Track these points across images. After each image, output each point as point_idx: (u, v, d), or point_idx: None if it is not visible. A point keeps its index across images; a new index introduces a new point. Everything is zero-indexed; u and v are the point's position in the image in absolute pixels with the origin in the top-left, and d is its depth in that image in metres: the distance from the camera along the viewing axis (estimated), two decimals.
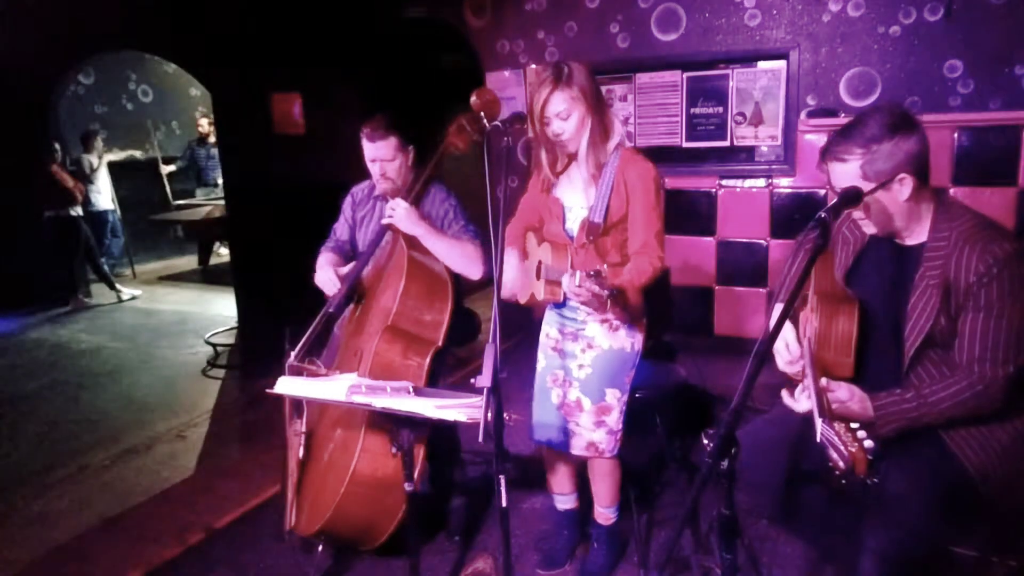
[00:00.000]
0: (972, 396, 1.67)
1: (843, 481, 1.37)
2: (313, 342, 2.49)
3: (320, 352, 2.58)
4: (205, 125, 8.19)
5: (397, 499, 2.23)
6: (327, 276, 2.60)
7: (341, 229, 2.84)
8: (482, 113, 2.11)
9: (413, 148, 2.65)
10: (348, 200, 2.85)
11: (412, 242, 2.48)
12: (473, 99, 2.11)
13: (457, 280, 2.56)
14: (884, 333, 1.83)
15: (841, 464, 1.37)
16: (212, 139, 8.21)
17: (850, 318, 1.79)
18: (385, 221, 2.52)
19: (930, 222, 1.77)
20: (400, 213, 2.46)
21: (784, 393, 1.87)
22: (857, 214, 1.79)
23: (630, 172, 2.18)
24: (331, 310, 2.51)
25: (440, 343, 2.48)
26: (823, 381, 1.69)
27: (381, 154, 2.56)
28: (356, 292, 2.63)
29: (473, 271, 2.50)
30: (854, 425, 1.42)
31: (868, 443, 1.37)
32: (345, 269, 2.63)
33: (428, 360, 2.42)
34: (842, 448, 1.37)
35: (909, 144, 1.68)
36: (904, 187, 1.70)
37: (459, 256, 2.50)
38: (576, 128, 2.14)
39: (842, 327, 1.78)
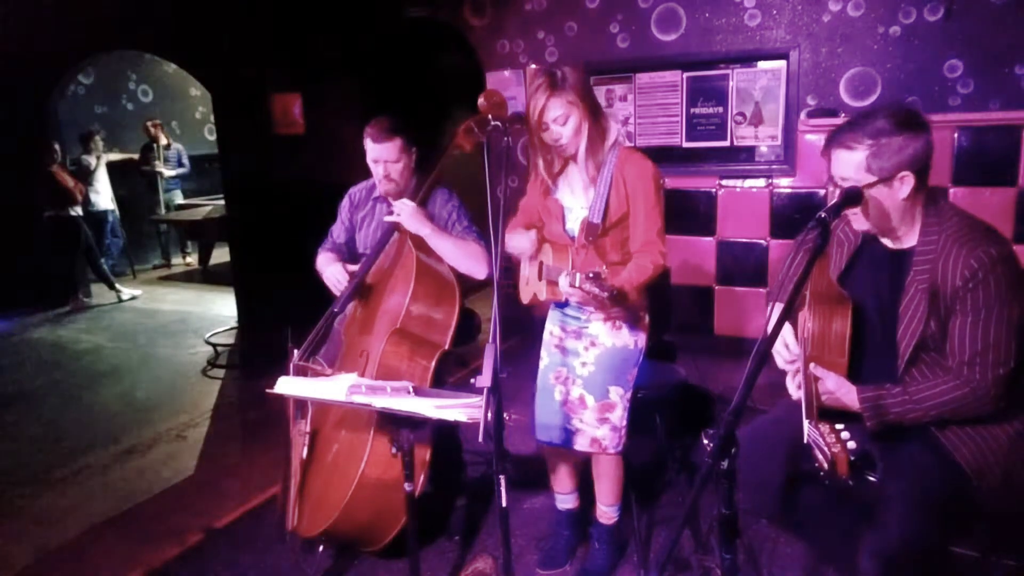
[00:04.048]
0: (959, 398, 1.67)
1: (827, 482, 1.38)
2: (316, 341, 2.50)
3: (321, 351, 2.58)
4: (151, 128, 8.28)
5: (403, 501, 2.23)
6: (336, 271, 2.59)
7: (338, 231, 2.84)
8: (490, 115, 2.12)
9: (416, 150, 2.65)
10: (346, 202, 2.85)
11: (419, 244, 2.48)
12: (481, 101, 2.12)
13: (458, 281, 2.56)
14: (878, 334, 1.84)
15: (824, 464, 1.38)
16: (164, 141, 8.35)
17: (844, 319, 1.79)
18: (390, 219, 2.51)
19: (920, 225, 1.77)
20: (407, 213, 2.46)
21: (788, 377, 1.89)
22: (850, 210, 1.79)
23: (629, 171, 2.18)
24: (336, 310, 2.51)
25: (447, 346, 2.49)
26: (811, 367, 1.70)
27: (386, 155, 2.55)
28: (360, 290, 2.63)
29: (478, 270, 2.51)
30: (839, 426, 1.43)
31: (851, 444, 1.38)
32: (352, 268, 2.63)
33: (434, 363, 2.43)
34: (825, 449, 1.38)
35: (916, 144, 1.68)
36: (904, 185, 1.70)
37: (464, 256, 2.50)
38: (574, 132, 2.15)
39: (836, 327, 1.79)
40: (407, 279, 2.43)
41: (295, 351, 2.41)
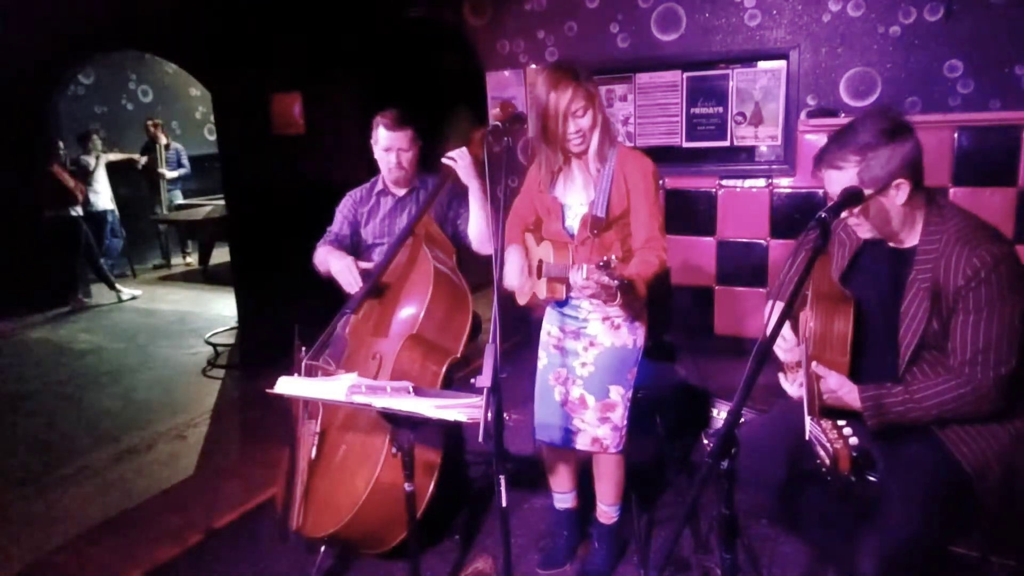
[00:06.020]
0: (960, 397, 1.67)
1: (829, 478, 1.38)
2: (325, 341, 2.51)
3: (327, 351, 2.58)
4: (150, 128, 8.29)
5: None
6: (345, 264, 2.56)
7: (339, 224, 2.87)
8: (500, 124, 2.20)
9: (420, 142, 2.76)
10: (347, 200, 2.90)
11: (435, 252, 2.53)
12: (496, 111, 2.18)
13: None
14: (880, 334, 1.84)
15: (826, 460, 1.38)
16: (163, 141, 8.36)
17: (846, 318, 1.79)
18: (446, 161, 2.54)
19: (921, 225, 1.77)
20: (464, 162, 2.50)
21: (780, 375, 1.89)
22: (852, 220, 1.79)
23: (629, 167, 2.20)
24: (349, 310, 2.52)
25: (459, 354, 2.53)
26: (813, 365, 1.70)
27: (399, 144, 2.67)
28: (373, 292, 2.63)
29: (487, 247, 2.55)
30: (841, 423, 1.43)
31: (853, 440, 1.38)
32: (365, 265, 2.63)
33: (444, 369, 2.47)
34: (827, 445, 1.38)
35: (904, 150, 1.68)
36: (901, 192, 1.70)
37: (486, 230, 2.54)
38: (591, 124, 2.17)
39: (838, 327, 1.79)
40: (425, 284, 2.46)
41: (303, 349, 2.42)
